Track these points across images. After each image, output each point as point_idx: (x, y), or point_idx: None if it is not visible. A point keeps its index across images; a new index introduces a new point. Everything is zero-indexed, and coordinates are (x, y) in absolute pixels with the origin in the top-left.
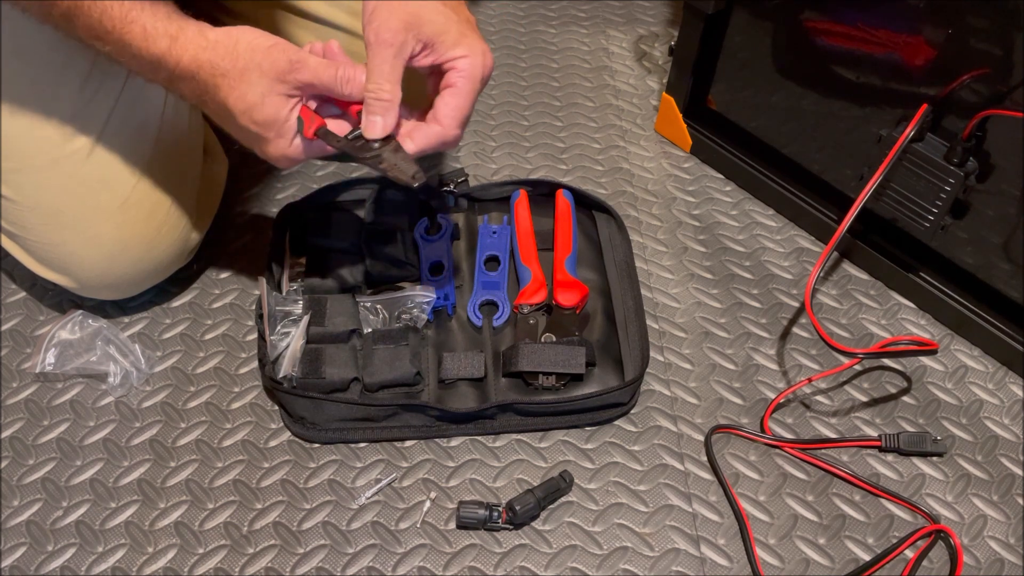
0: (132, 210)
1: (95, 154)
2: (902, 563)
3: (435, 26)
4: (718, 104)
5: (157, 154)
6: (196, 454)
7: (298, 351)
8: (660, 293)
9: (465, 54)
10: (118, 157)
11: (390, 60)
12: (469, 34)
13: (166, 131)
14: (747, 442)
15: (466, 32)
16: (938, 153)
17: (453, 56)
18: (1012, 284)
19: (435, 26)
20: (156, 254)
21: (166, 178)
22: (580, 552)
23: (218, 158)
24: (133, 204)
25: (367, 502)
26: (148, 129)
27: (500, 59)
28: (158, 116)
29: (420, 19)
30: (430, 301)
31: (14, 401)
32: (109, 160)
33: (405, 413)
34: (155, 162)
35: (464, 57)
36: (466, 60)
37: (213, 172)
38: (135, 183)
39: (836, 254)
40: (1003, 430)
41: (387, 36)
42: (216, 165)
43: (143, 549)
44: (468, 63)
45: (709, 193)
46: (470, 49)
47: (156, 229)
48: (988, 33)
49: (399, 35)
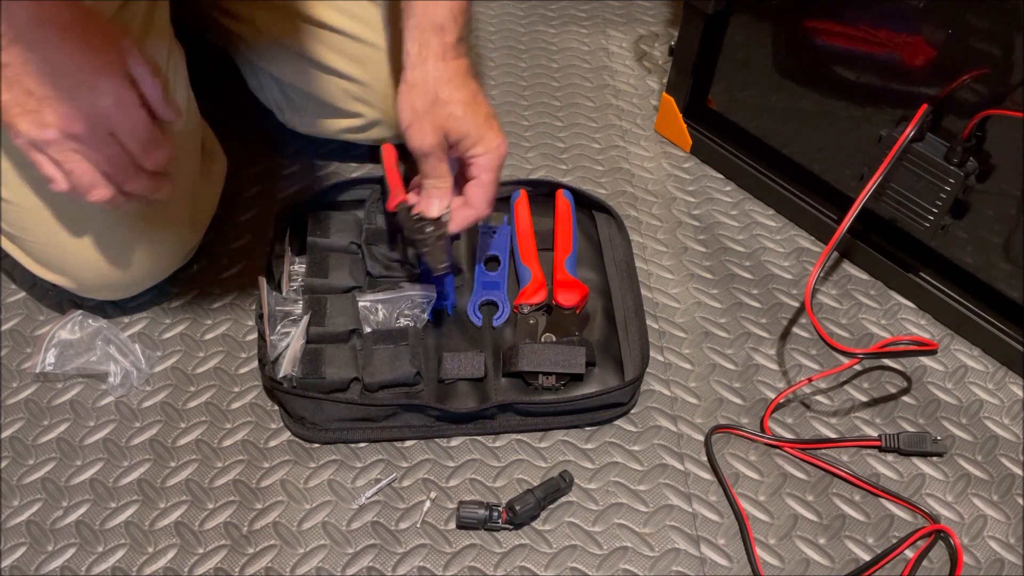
0: (130, 211)
1: None
2: (902, 563)
3: (458, 131)
4: (718, 104)
5: None
6: (196, 454)
7: (298, 351)
8: (660, 293)
9: (484, 151)
10: None
11: (436, 162)
12: (487, 131)
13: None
14: (747, 442)
15: (484, 131)
16: (938, 153)
17: (475, 153)
18: (1012, 284)
19: (458, 131)
20: (155, 255)
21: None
22: (580, 552)
23: (216, 157)
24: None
25: (367, 502)
26: None
27: (500, 59)
28: None
29: (447, 127)
30: (430, 301)
31: (14, 401)
32: None
33: (405, 413)
34: None
35: (483, 155)
36: (485, 157)
37: (211, 172)
38: None
39: (836, 254)
40: (1003, 430)
41: (427, 147)
42: (214, 164)
43: (143, 549)
44: (486, 160)
45: (709, 193)
46: (487, 146)
47: (155, 229)
48: (988, 33)
49: (434, 144)
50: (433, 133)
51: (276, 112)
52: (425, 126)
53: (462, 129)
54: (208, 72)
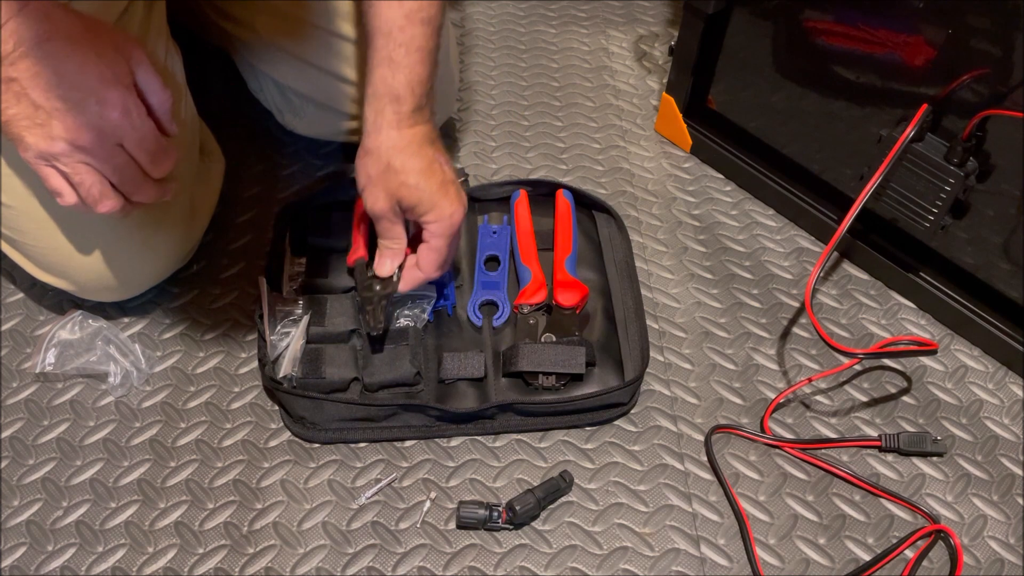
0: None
1: None
2: (902, 563)
3: (410, 199)
4: (718, 104)
5: None
6: (196, 454)
7: (298, 351)
8: (660, 293)
9: (435, 219)
10: None
11: (388, 225)
12: (440, 199)
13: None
14: (747, 442)
15: (437, 198)
16: (938, 153)
17: (427, 221)
18: (1012, 284)
19: (410, 199)
20: (155, 256)
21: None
22: (580, 552)
23: (215, 157)
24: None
25: (367, 502)
26: None
27: (500, 59)
28: None
29: (399, 195)
30: (431, 301)
31: (14, 401)
32: None
33: (405, 413)
34: None
35: (435, 222)
36: (436, 225)
37: (210, 172)
38: None
39: (836, 254)
40: (1003, 430)
41: (381, 211)
42: (213, 164)
43: (143, 549)
44: (437, 227)
45: (709, 193)
46: (439, 215)
47: (153, 230)
48: (988, 33)
49: (386, 208)
50: (385, 198)
51: (276, 114)
52: (378, 191)
53: (413, 197)
54: (208, 72)
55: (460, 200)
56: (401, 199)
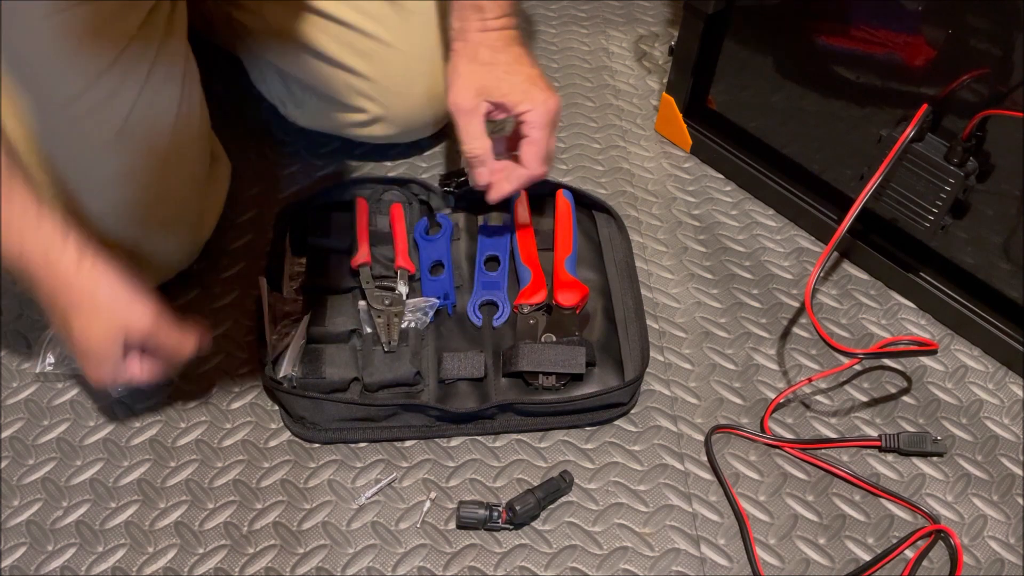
0: (149, 206)
1: (118, 144)
2: (902, 563)
3: (500, 89)
4: (718, 104)
5: (171, 151)
6: (196, 454)
7: (298, 351)
8: (660, 293)
9: (529, 108)
10: (138, 150)
11: (473, 123)
12: (531, 88)
13: (180, 129)
14: (747, 442)
15: (528, 88)
16: (938, 153)
17: (520, 111)
18: (1012, 284)
19: (500, 89)
20: (161, 256)
21: (178, 176)
22: (580, 552)
23: (222, 161)
24: (148, 201)
25: (367, 502)
26: (164, 126)
27: None
28: (173, 116)
29: (487, 87)
30: (433, 306)
31: (14, 401)
32: (130, 152)
33: (405, 413)
34: (170, 159)
35: (529, 111)
36: (531, 113)
37: (218, 174)
38: (150, 180)
39: (836, 254)
40: (1003, 430)
41: (464, 104)
42: (219, 168)
43: (143, 549)
44: (533, 115)
45: (709, 193)
46: (532, 103)
47: (163, 227)
48: (988, 33)
49: (473, 102)
50: (473, 92)
51: (278, 106)
52: (463, 84)
53: (503, 88)
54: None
55: (552, 89)
56: (489, 91)
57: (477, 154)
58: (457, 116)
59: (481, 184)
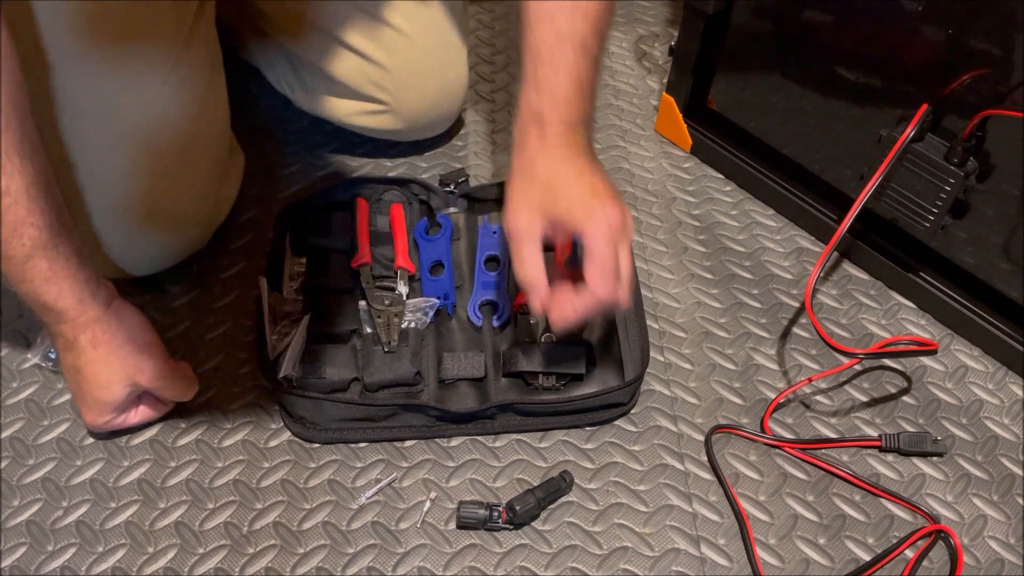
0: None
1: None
2: (902, 563)
3: (557, 207)
4: (718, 104)
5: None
6: (196, 454)
7: (298, 351)
8: (660, 293)
9: (591, 224)
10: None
11: (525, 248)
12: (590, 201)
13: (205, 121)
14: (747, 442)
15: (587, 201)
16: (938, 153)
17: (581, 231)
18: (1012, 284)
19: (557, 207)
20: (175, 245)
21: (201, 164)
22: (580, 552)
23: (236, 152)
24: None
25: (367, 502)
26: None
27: (501, 61)
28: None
29: (543, 205)
30: (433, 306)
31: (14, 401)
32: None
33: (405, 413)
34: (192, 150)
35: (588, 227)
36: (590, 229)
37: (232, 166)
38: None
39: (836, 254)
40: (1003, 430)
41: (517, 228)
42: (234, 159)
43: (143, 549)
44: (592, 231)
45: (709, 193)
46: (592, 220)
47: (180, 220)
48: (988, 33)
49: (526, 224)
50: (526, 213)
51: (286, 91)
52: (516, 205)
53: (560, 204)
54: None
55: (617, 200)
56: (546, 211)
57: (528, 282)
58: (510, 239)
59: (538, 313)
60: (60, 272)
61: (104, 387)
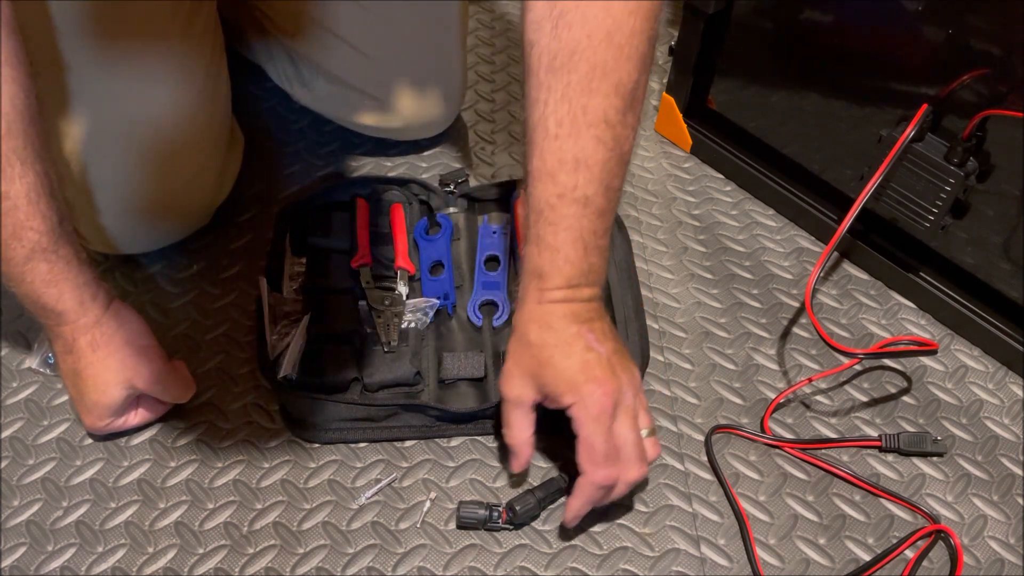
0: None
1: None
2: (902, 563)
3: (544, 377)
4: (718, 104)
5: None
6: (196, 454)
7: (298, 351)
8: (660, 293)
9: (571, 401)
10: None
11: (514, 414)
12: (577, 378)
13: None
14: (747, 442)
15: (574, 377)
16: (938, 153)
17: (566, 405)
18: (1012, 284)
19: (544, 377)
20: (180, 222)
21: (202, 153)
22: (580, 552)
23: (236, 135)
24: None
25: (367, 502)
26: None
27: (501, 62)
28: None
29: (534, 372)
30: (433, 306)
31: (14, 401)
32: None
33: (405, 413)
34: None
35: (572, 405)
36: (574, 408)
37: (233, 149)
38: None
39: (836, 254)
40: (1003, 430)
41: (507, 393)
42: (236, 140)
43: (143, 549)
44: (576, 411)
45: (709, 193)
46: (580, 403)
47: (187, 196)
48: (988, 33)
49: (516, 390)
50: (519, 378)
51: (285, 85)
52: (508, 368)
53: (547, 375)
54: None
55: (610, 379)
56: (535, 379)
57: (514, 447)
58: (503, 404)
59: (515, 472)
60: (60, 275)
61: (102, 391)
